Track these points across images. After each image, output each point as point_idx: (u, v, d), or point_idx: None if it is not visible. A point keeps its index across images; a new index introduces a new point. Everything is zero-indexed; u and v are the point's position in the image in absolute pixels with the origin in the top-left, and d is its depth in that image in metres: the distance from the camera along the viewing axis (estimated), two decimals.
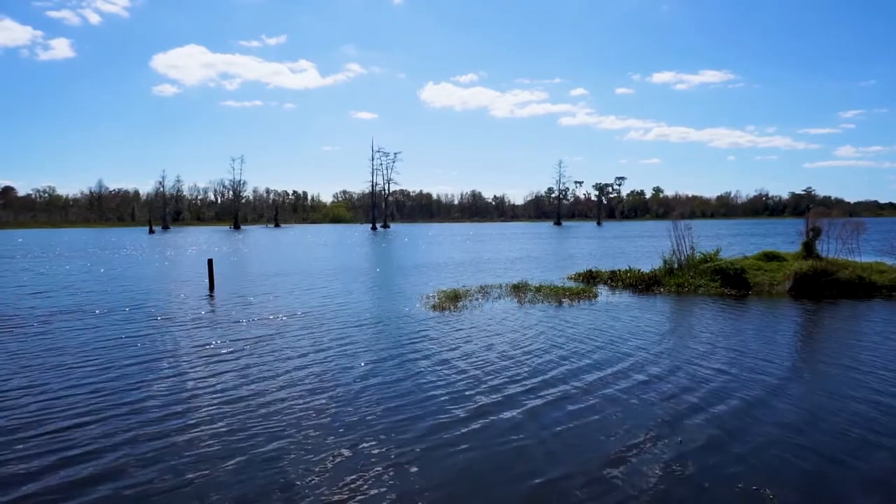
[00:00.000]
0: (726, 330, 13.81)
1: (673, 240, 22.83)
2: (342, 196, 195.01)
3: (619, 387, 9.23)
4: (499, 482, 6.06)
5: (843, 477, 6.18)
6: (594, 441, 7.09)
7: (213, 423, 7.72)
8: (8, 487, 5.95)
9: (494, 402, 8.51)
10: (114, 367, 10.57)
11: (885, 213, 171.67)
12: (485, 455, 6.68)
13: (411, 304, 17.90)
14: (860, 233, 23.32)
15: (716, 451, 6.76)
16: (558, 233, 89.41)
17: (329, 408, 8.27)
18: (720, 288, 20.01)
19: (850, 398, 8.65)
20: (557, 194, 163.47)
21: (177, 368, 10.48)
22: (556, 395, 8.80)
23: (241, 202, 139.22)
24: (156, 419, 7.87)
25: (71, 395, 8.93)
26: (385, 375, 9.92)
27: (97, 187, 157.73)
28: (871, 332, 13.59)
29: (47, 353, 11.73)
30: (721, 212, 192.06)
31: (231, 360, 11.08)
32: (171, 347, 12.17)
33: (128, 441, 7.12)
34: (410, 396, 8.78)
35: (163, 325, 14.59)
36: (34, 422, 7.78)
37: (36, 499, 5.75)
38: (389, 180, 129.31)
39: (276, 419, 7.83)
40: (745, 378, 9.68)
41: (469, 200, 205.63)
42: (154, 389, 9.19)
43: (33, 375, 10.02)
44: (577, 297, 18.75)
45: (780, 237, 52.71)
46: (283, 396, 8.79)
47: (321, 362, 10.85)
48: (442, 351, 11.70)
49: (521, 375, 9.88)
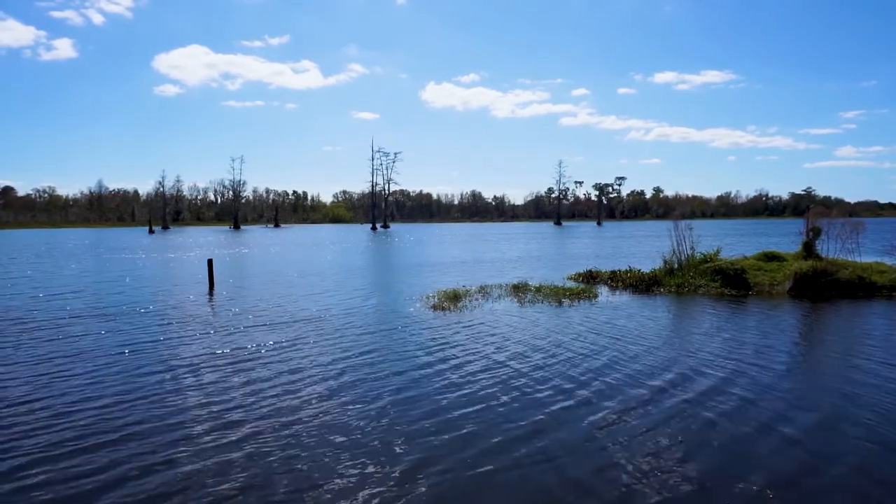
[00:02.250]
0: (726, 330, 13.80)
1: (673, 240, 22.84)
2: (342, 196, 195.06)
3: (619, 387, 9.22)
4: (499, 480, 6.08)
5: (844, 477, 6.18)
6: (594, 441, 7.09)
7: (220, 425, 7.73)
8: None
9: (494, 402, 8.52)
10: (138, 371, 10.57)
11: (884, 213, 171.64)
12: (487, 452, 6.70)
13: (412, 304, 17.90)
14: (860, 233, 23.31)
15: (716, 451, 6.76)
16: (558, 233, 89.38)
17: (332, 408, 8.28)
18: (720, 288, 20.02)
19: (851, 398, 8.65)
20: (557, 194, 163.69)
21: (177, 370, 10.51)
22: (557, 395, 8.80)
23: (241, 202, 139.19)
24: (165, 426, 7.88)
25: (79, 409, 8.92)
26: (385, 375, 9.93)
27: (97, 187, 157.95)
28: (872, 332, 13.58)
29: (40, 362, 11.72)
30: (721, 212, 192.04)
31: (234, 360, 11.09)
32: (169, 351, 12.19)
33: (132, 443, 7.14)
34: (413, 399, 8.78)
35: (164, 326, 14.61)
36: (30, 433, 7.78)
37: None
38: (389, 180, 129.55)
39: (286, 422, 7.84)
40: (745, 378, 9.68)
41: (469, 200, 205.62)
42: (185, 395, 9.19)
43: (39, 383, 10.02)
44: (578, 298, 18.75)
45: (780, 237, 52.71)
46: (283, 396, 8.81)
47: (323, 364, 10.86)
48: (442, 351, 11.71)
49: (520, 376, 9.89)
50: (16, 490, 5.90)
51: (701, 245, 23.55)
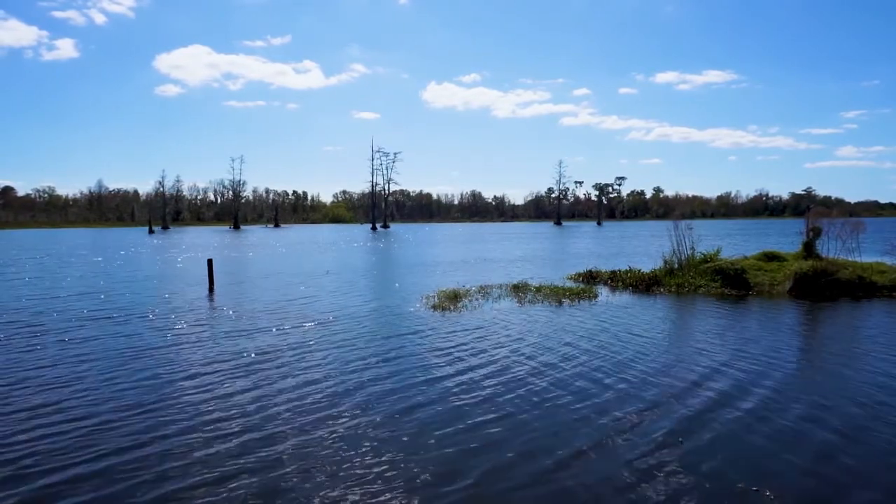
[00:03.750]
0: (726, 330, 13.79)
1: (673, 240, 22.83)
2: (342, 196, 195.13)
3: (619, 386, 9.21)
4: (502, 478, 6.06)
5: (844, 477, 6.17)
6: (591, 439, 7.08)
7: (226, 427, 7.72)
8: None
9: (494, 400, 8.51)
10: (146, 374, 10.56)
11: (885, 213, 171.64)
12: (487, 452, 6.68)
13: (412, 304, 17.88)
14: (860, 233, 23.29)
15: (716, 451, 6.74)
16: (558, 233, 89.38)
17: (333, 409, 8.27)
18: (720, 288, 20.00)
19: (852, 398, 8.63)
20: (557, 194, 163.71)
21: (179, 373, 10.50)
22: (555, 395, 8.78)
23: (241, 202, 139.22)
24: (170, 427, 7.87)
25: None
26: (386, 376, 9.92)
27: (97, 187, 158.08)
28: (872, 332, 13.57)
29: (39, 368, 11.70)
30: (721, 212, 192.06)
31: (234, 360, 11.09)
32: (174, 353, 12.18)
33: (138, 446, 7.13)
34: (414, 400, 8.77)
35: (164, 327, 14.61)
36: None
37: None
38: (389, 180, 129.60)
39: (289, 420, 7.83)
40: (745, 378, 9.66)
41: (469, 200, 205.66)
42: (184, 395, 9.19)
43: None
44: (578, 298, 18.74)
45: (781, 237, 52.71)
46: (286, 396, 8.80)
47: (324, 365, 10.84)
48: (442, 351, 11.69)
49: (521, 375, 9.87)
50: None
51: (701, 245, 23.55)
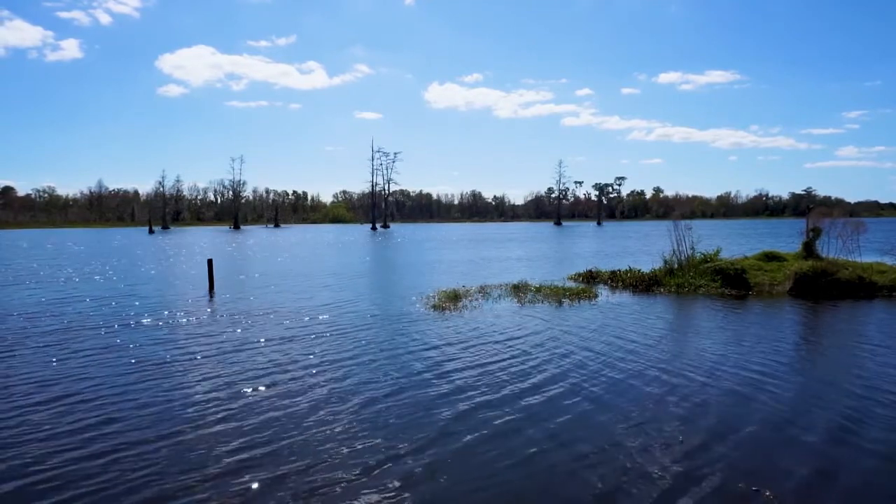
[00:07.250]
0: (726, 330, 13.79)
1: (673, 240, 22.83)
2: (342, 196, 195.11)
3: (618, 385, 9.22)
4: (503, 476, 6.06)
5: (844, 477, 6.17)
6: (591, 439, 7.08)
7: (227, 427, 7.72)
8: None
9: (493, 400, 8.51)
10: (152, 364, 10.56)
11: (885, 213, 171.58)
12: (489, 450, 6.68)
13: (412, 304, 17.88)
14: (860, 233, 23.29)
15: (717, 451, 6.75)
16: (558, 233, 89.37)
17: (334, 409, 8.27)
18: (720, 288, 20.00)
19: (852, 398, 8.63)
20: (557, 194, 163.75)
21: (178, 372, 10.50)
22: (555, 395, 8.78)
23: (241, 202, 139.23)
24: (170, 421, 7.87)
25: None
26: (385, 376, 9.92)
27: (97, 187, 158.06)
28: (872, 332, 13.57)
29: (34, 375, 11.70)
30: (721, 212, 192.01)
31: (235, 361, 11.09)
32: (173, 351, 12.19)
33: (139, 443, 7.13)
34: (414, 400, 8.77)
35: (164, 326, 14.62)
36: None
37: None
38: (389, 180, 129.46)
39: (290, 419, 7.83)
40: (745, 378, 9.66)
41: (469, 200, 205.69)
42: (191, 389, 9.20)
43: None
44: (578, 298, 18.73)
45: (781, 237, 52.70)
46: (288, 395, 8.80)
47: (324, 365, 10.84)
48: (442, 351, 11.69)
49: (521, 375, 9.87)
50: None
51: (701, 245, 23.54)
